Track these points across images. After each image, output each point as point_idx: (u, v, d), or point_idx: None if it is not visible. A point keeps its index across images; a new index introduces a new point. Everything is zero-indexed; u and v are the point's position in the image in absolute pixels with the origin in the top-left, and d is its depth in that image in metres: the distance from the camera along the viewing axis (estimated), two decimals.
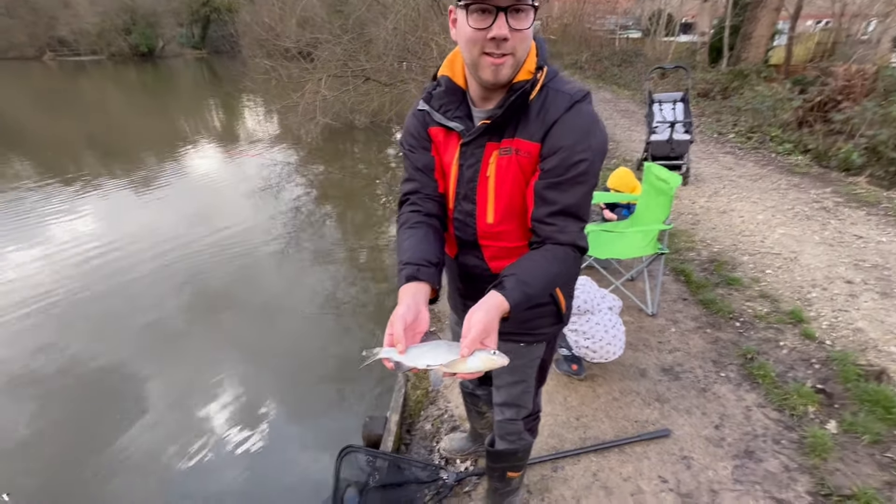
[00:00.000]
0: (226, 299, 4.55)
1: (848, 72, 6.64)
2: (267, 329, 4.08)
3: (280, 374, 3.53)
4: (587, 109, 0.90)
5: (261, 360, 3.68)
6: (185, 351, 3.81)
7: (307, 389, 3.37)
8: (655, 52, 17.61)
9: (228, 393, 3.32)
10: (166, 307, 4.39)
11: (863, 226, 3.92)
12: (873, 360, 2.39)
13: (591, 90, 0.94)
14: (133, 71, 33.55)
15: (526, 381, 1.32)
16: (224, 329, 4.11)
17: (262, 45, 10.41)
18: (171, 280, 4.85)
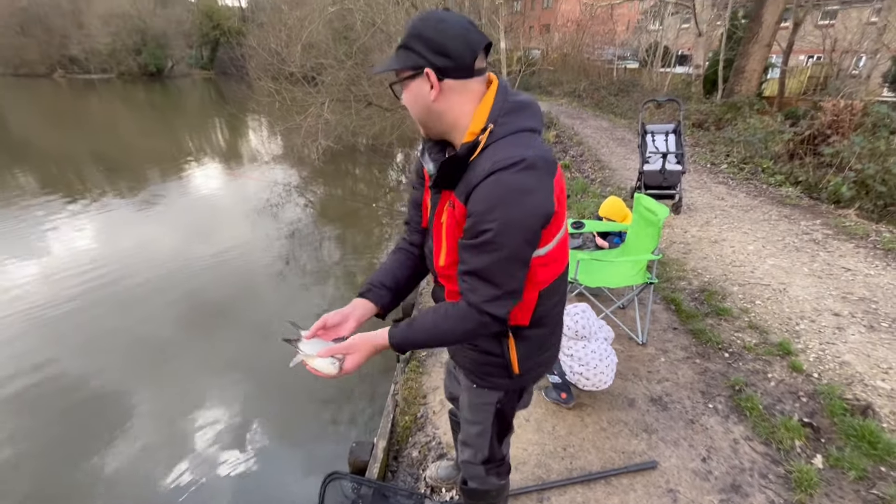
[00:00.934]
0: (220, 318, 4.56)
1: (836, 107, 6.82)
2: (260, 349, 4.07)
3: (271, 395, 3.52)
4: (508, 179, 0.87)
5: (252, 381, 3.67)
6: (174, 368, 3.79)
7: (297, 412, 3.35)
8: (652, 82, 18.07)
9: (217, 413, 3.31)
10: (158, 323, 4.40)
11: (851, 258, 3.97)
12: (859, 394, 2.40)
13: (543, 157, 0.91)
14: (141, 89, 34.24)
15: (481, 424, 1.32)
16: (216, 348, 4.11)
17: (267, 69, 10.70)
18: (166, 296, 4.87)
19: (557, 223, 1.00)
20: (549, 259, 1.04)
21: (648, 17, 22.76)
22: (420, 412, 2.54)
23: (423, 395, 2.66)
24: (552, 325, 1.19)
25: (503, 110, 0.94)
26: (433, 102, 0.94)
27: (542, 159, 0.91)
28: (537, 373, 1.25)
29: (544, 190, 0.92)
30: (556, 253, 1.05)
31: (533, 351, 1.17)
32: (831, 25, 16.27)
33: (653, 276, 2.85)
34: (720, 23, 15.90)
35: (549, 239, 1.00)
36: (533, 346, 1.17)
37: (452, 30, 0.90)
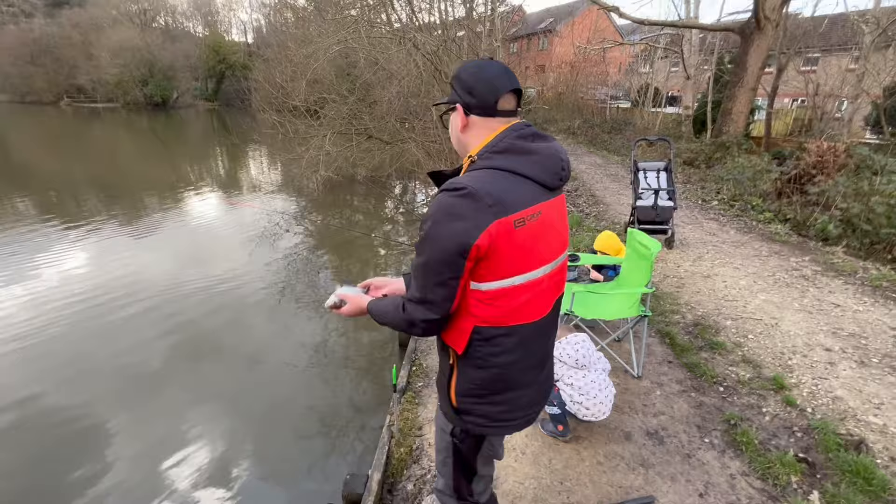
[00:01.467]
0: (210, 346, 4.51)
1: (820, 148, 7.09)
2: (250, 380, 4.02)
3: (260, 427, 3.45)
4: (444, 199, 0.99)
5: (240, 413, 3.60)
6: (160, 401, 3.71)
7: (288, 445, 3.28)
8: (644, 121, 18.69)
9: (202, 448, 3.21)
10: (145, 351, 4.34)
11: (840, 294, 4.05)
12: (852, 429, 2.41)
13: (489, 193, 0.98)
14: (145, 119, 34.93)
15: (443, 452, 1.35)
16: (205, 377, 4.04)
17: (272, 102, 11.01)
18: (155, 324, 4.82)
19: (501, 269, 1.02)
20: (493, 300, 1.05)
21: (639, 60, 23.79)
22: (416, 444, 2.52)
23: (419, 426, 2.65)
24: (500, 377, 1.14)
25: (495, 148, 1.06)
26: (461, 133, 1.13)
27: (489, 196, 0.97)
28: (483, 424, 1.20)
29: (471, 221, 0.97)
30: (505, 302, 1.06)
31: (472, 390, 1.16)
32: (813, 71, 17.07)
33: (647, 308, 2.90)
34: (707, 67, 16.66)
35: (490, 278, 1.03)
36: (471, 384, 1.16)
37: (483, 74, 1.07)
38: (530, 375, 1.20)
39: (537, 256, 1.08)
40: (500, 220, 0.98)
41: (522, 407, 1.21)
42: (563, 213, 1.19)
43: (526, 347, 1.14)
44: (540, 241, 1.07)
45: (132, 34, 40.83)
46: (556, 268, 1.16)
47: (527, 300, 1.09)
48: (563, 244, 1.17)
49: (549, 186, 1.09)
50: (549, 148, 1.09)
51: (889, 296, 4.00)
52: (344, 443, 3.31)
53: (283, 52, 13.00)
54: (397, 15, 10.62)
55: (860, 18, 12.84)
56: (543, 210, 1.07)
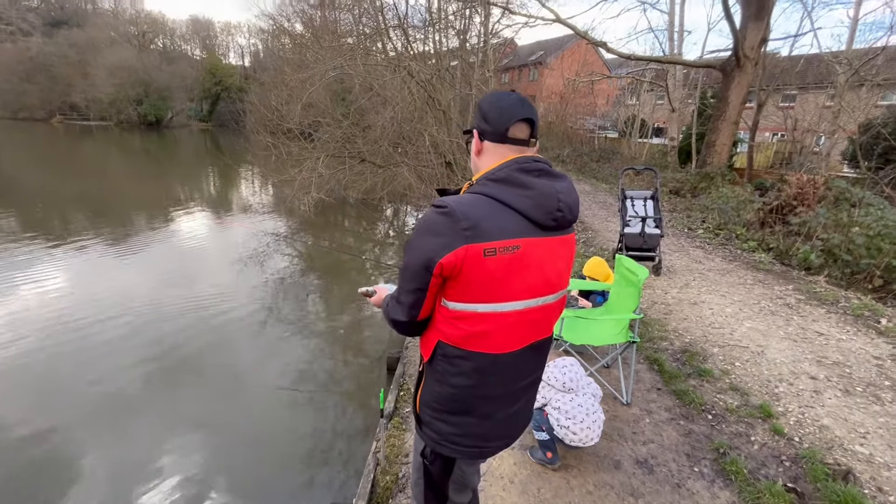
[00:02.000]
0: (190, 369, 4.39)
1: (800, 180, 7.33)
2: (232, 404, 3.91)
3: (239, 454, 3.34)
4: (426, 214, 1.07)
5: (220, 438, 3.48)
6: (133, 423, 3.59)
7: (268, 473, 3.18)
8: (631, 151, 19.21)
9: (176, 474, 3.10)
10: (123, 373, 4.21)
11: (823, 323, 4.12)
12: (839, 458, 2.41)
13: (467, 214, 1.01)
14: (138, 137, 34.93)
15: (416, 472, 1.36)
16: (183, 402, 3.92)
17: (266, 124, 11.14)
18: (134, 346, 4.69)
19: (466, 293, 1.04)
20: (455, 321, 1.08)
21: (626, 92, 24.61)
22: (402, 472, 2.45)
23: (406, 453, 2.59)
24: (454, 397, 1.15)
25: (492, 176, 1.09)
26: (476, 156, 1.20)
27: (466, 219, 1.00)
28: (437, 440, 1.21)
29: (442, 239, 1.01)
30: (468, 325, 1.07)
31: (430, 403, 1.19)
32: (791, 107, 17.80)
33: (635, 335, 2.91)
34: (691, 101, 17.29)
35: (456, 299, 1.06)
36: (430, 397, 1.19)
37: (498, 103, 1.13)
38: (490, 407, 1.18)
39: (507, 290, 1.06)
40: (471, 244, 1.00)
41: (473, 436, 1.20)
42: (557, 255, 1.14)
43: (483, 376, 1.13)
44: (514, 276, 1.06)
45: (129, 55, 41.29)
46: (535, 307, 1.12)
47: (488, 330, 1.08)
48: (547, 286, 1.13)
49: (540, 224, 1.08)
50: (548, 186, 1.09)
51: (870, 325, 4.07)
52: (327, 471, 3.21)
53: (279, 76, 13.23)
54: (392, 44, 10.94)
55: (834, 60, 13.52)
56: (524, 246, 1.05)
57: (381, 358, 4.50)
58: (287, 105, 10.60)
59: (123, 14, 49.98)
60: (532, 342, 1.17)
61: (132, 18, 50.13)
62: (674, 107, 16.16)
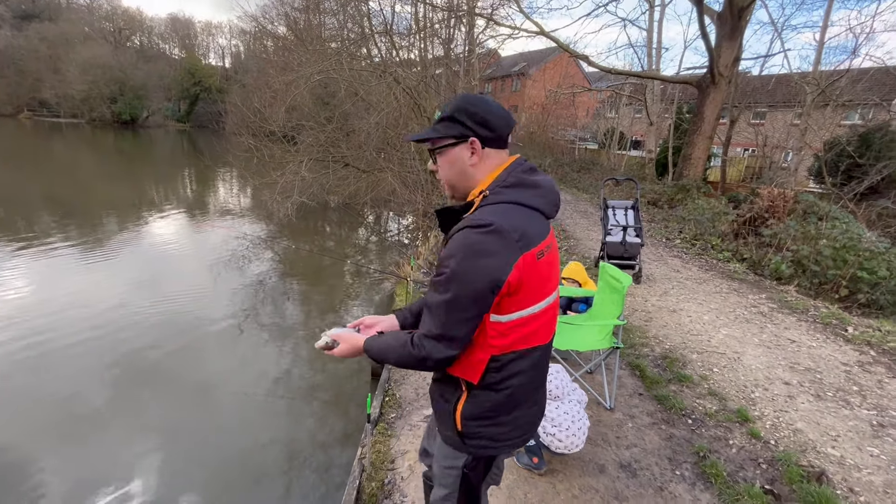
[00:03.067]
0: (161, 377, 4.23)
1: (771, 194, 7.64)
2: (203, 413, 3.78)
3: (213, 465, 3.23)
4: (471, 236, 1.00)
5: (190, 450, 3.36)
6: (96, 434, 3.43)
7: (245, 484, 3.08)
8: (610, 162, 19.66)
9: (143, 487, 2.96)
10: (87, 382, 4.02)
11: (795, 331, 4.27)
12: (813, 460, 2.50)
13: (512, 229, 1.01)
14: (111, 136, 33.89)
15: (447, 488, 1.32)
16: (151, 410, 3.76)
17: (247, 126, 10.97)
18: (101, 352, 4.50)
19: (523, 300, 1.06)
20: (511, 330, 1.09)
21: (606, 105, 25.23)
22: (388, 478, 2.42)
23: (392, 459, 2.56)
24: (510, 398, 1.16)
25: (504, 182, 1.10)
26: (470, 167, 1.12)
27: (514, 230, 1.01)
28: (487, 445, 1.21)
29: (501, 258, 1.00)
30: (521, 329, 1.09)
31: (481, 413, 1.17)
32: (761, 124, 18.56)
33: (618, 340, 2.96)
34: (668, 115, 17.85)
35: (512, 310, 1.06)
36: (481, 409, 1.17)
37: (494, 108, 1.10)
38: (537, 394, 1.25)
39: (550, 285, 1.13)
40: (526, 253, 1.03)
41: (522, 426, 1.23)
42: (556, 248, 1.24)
43: (537, 369, 1.19)
44: (553, 270, 1.15)
45: (104, 51, 40.14)
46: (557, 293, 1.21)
47: (539, 326, 1.13)
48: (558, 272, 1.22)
49: (549, 217, 1.15)
50: (547, 181, 1.15)
51: (838, 333, 4.24)
52: (306, 481, 3.14)
53: (262, 77, 13.08)
54: (378, 49, 10.95)
55: (802, 80, 14.18)
56: (551, 241, 1.15)
57: (362, 364, 4.44)
58: (270, 107, 10.47)
59: (99, 9, 48.61)
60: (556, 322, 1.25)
61: (108, 14, 48.86)
62: (651, 120, 16.64)
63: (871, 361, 3.69)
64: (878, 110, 16.94)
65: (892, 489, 2.31)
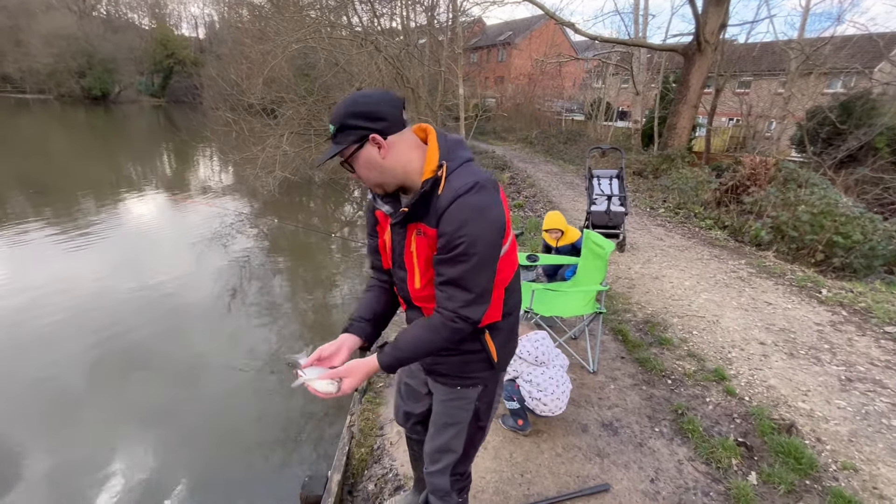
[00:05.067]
0: (146, 357, 4.19)
1: (753, 162, 7.71)
2: (192, 391, 3.77)
3: (203, 442, 3.24)
4: (470, 200, 1.05)
5: (179, 428, 3.35)
6: (79, 418, 3.40)
7: (237, 458, 3.10)
8: (596, 133, 19.57)
9: (132, 466, 2.97)
10: (68, 363, 3.97)
11: (772, 294, 4.41)
12: (784, 414, 2.62)
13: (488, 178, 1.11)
14: (82, 113, 32.54)
15: (459, 424, 1.40)
16: (137, 391, 3.74)
17: (225, 99, 10.59)
18: (81, 335, 4.42)
19: (509, 227, 1.19)
20: (504, 261, 1.20)
21: (592, 75, 24.90)
22: (377, 444, 2.48)
23: (381, 426, 2.61)
24: (517, 312, 1.35)
25: (448, 148, 1.14)
26: (384, 161, 1.10)
27: (489, 181, 1.12)
28: (509, 361, 1.39)
29: (497, 205, 1.11)
30: (511, 252, 1.25)
31: (506, 340, 1.33)
32: (746, 93, 18.56)
33: (601, 306, 3.02)
34: (654, 85, 17.71)
35: (506, 240, 1.18)
36: (505, 335, 1.32)
37: (375, 97, 1.09)
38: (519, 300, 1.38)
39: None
40: (500, 193, 1.14)
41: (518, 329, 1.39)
42: None
43: (519, 282, 1.34)
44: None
45: (68, 21, 38.01)
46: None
47: (512, 248, 1.26)
48: None
49: None
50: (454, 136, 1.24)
51: (813, 295, 4.39)
52: (299, 452, 3.19)
53: (238, 48, 12.56)
54: (359, 18, 10.55)
55: (787, 46, 14.13)
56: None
57: None
58: (248, 79, 10.10)
59: None
60: None
61: None
62: (638, 90, 16.51)
63: (842, 321, 3.84)
64: (860, 78, 17.05)
65: (856, 438, 2.44)
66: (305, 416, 3.53)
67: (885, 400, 2.76)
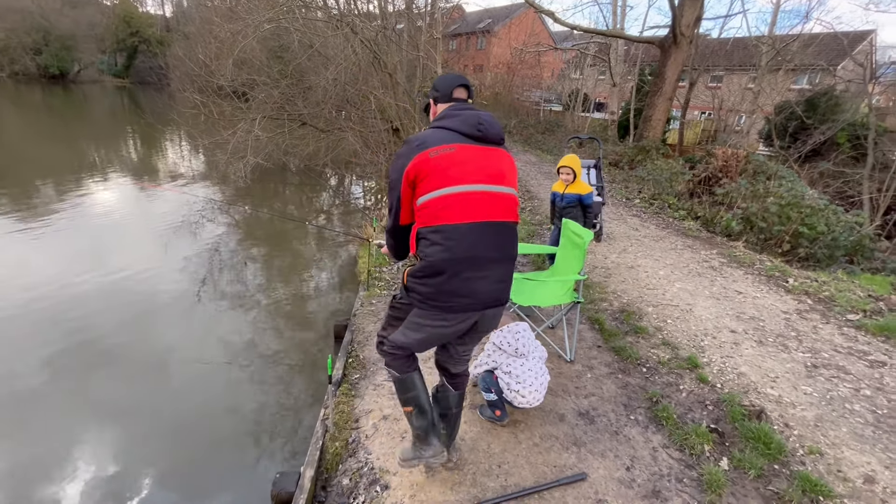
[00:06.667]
0: (112, 350, 4.01)
1: (725, 154, 7.89)
2: (163, 387, 3.63)
3: (172, 437, 3.12)
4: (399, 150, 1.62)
5: (147, 423, 3.22)
6: (37, 415, 3.22)
7: (207, 453, 3.00)
8: (574, 124, 19.68)
9: (95, 467, 2.83)
10: (21, 359, 3.76)
11: (742, 283, 4.52)
12: (754, 400, 2.68)
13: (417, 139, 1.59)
14: (38, 92, 30.72)
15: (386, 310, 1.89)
16: (103, 387, 3.57)
17: (193, 81, 10.10)
18: (40, 329, 4.20)
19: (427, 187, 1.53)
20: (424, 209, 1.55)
21: (571, 66, 24.96)
22: (352, 437, 2.41)
23: (356, 419, 2.55)
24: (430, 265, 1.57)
25: (437, 118, 1.70)
26: (433, 117, 1.75)
27: (416, 140, 1.58)
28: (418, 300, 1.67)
29: (406, 156, 1.57)
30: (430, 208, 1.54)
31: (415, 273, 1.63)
32: (718, 87, 18.97)
33: (579, 295, 3.02)
34: (630, 77, 17.89)
35: (424, 192, 1.54)
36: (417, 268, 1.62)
37: (445, 78, 1.74)
38: (456, 267, 1.55)
39: (452, 177, 1.53)
40: (421, 152, 1.54)
41: (446, 293, 1.58)
42: (490, 157, 1.62)
43: (449, 242, 1.53)
44: (454, 167, 1.54)
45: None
46: (479, 191, 1.56)
47: (445, 205, 1.53)
48: (487, 177, 1.58)
49: (470, 135, 1.60)
50: (472, 113, 1.63)
51: (780, 284, 4.52)
52: (273, 445, 3.10)
53: (206, 27, 11.99)
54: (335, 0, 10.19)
55: (758, 41, 14.45)
56: (458, 148, 1.56)
57: (328, 328, 4.37)
58: (217, 60, 9.65)
59: None
60: (486, 220, 1.57)
61: None
62: (615, 81, 16.65)
63: (807, 309, 3.97)
64: (824, 75, 17.65)
65: (821, 422, 2.52)
66: (278, 410, 3.43)
67: (847, 385, 2.86)
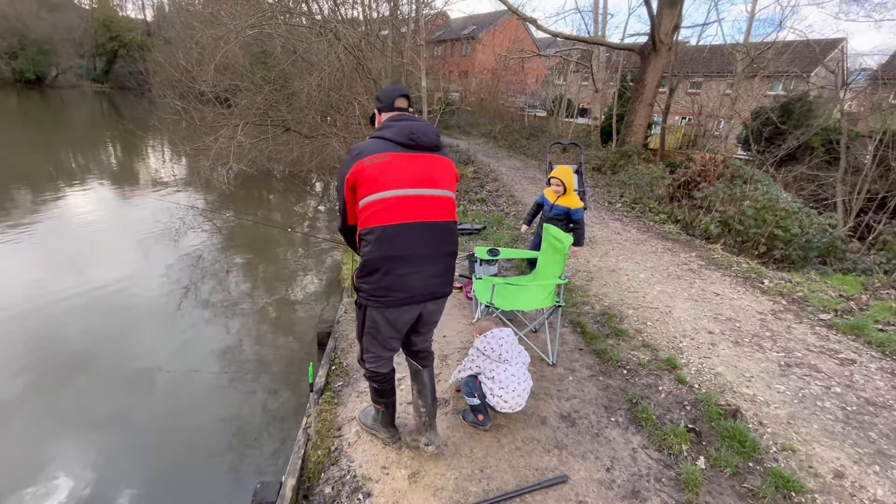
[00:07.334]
0: (91, 360, 3.92)
1: (703, 158, 8.08)
2: (145, 398, 3.55)
3: (159, 449, 3.06)
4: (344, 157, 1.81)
5: (131, 436, 3.16)
6: (15, 426, 3.14)
7: (187, 464, 2.95)
8: (558, 129, 19.93)
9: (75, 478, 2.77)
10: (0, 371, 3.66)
11: (720, 285, 4.63)
12: (730, 400, 2.75)
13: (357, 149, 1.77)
14: (14, 97, 29.97)
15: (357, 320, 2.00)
16: (81, 400, 3.48)
17: (174, 86, 9.99)
18: (14, 341, 4.08)
19: (364, 192, 1.69)
20: (362, 212, 1.72)
21: (554, 72, 25.32)
22: (334, 445, 2.41)
23: (338, 426, 2.54)
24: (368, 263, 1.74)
25: (379, 128, 1.84)
26: (377, 125, 1.89)
27: (357, 150, 1.75)
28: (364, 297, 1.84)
29: (345, 166, 1.75)
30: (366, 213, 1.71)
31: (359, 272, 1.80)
32: (697, 93, 19.43)
33: (561, 299, 3.06)
34: (613, 83, 18.22)
35: (362, 196, 1.70)
36: (359, 268, 1.79)
37: (387, 89, 1.92)
38: (390, 264, 1.72)
39: (385, 183, 1.68)
40: (358, 161, 1.70)
41: (384, 288, 1.75)
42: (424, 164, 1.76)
43: (381, 243, 1.70)
44: (387, 174, 1.68)
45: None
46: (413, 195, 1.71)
47: (378, 210, 1.69)
48: (420, 182, 1.72)
49: (404, 144, 1.73)
50: (405, 124, 1.76)
51: (756, 285, 4.64)
52: (256, 454, 3.07)
53: (188, 32, 11.87)
54: (318, 6, 10.20)
55: (734, 49, 14.86)
56: (391, 157, 1.70)
57: (311, 335, 4.34)
58: (199, 66, 9.56)
59: None
60: (417, 221, 1.72)
61: None
62: (597, 87, 16.93)
63: (782, 310, 4.08)
64: (798, 81, 18.19)
65: (794, 420, 2.60)
66: (262, 418, 3.39)
67: (819, 383, 2.95)
